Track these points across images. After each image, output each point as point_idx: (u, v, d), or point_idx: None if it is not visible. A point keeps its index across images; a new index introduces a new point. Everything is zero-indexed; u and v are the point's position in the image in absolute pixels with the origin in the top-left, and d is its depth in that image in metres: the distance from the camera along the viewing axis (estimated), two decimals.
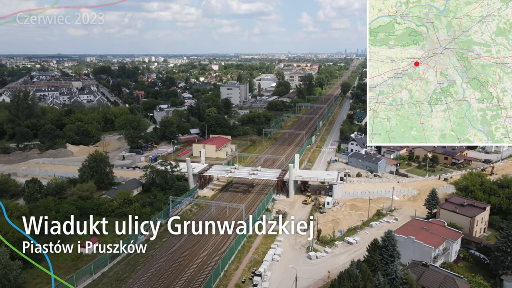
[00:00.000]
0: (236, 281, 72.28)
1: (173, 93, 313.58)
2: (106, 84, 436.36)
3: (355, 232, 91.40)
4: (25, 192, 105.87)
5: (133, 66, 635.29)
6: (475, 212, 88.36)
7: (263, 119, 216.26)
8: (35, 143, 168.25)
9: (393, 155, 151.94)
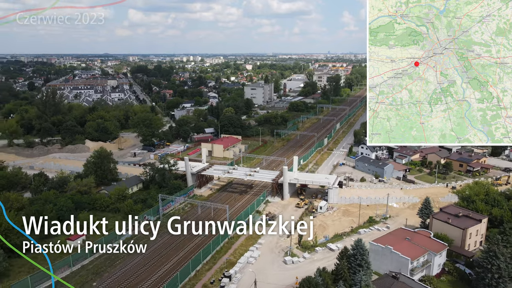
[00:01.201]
0: (205, 282, 72.92)
1: (199, 92, 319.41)
2: (140, 83, 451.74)
3: (340, 239, 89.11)
4: (32, 184, 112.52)
5: (169, 66, 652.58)
6: (469, 224, 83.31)
7: (279, 120, 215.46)
8: (57, 138, 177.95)
9: (404, 160, 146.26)
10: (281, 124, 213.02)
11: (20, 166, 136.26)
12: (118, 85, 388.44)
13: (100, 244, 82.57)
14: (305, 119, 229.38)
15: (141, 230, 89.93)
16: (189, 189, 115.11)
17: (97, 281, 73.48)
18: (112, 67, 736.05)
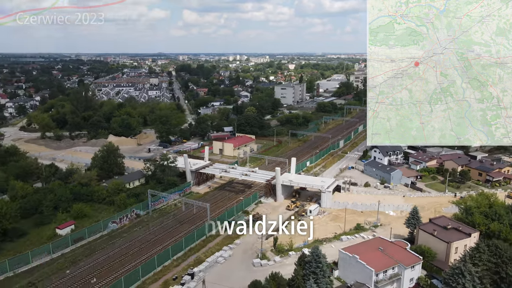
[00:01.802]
0: (168, 277, 74.09)
1: (230, 91, 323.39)
2: (181, 81, 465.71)
3: (320, 244, 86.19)
4: (43, 175, 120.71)
5: (212, 65, 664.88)
6: (455, 238, 77.35)
7: (301, 120, 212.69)
8: (84, 132, 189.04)
9: (419, 166, 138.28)
10: (303, 124, 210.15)
11: (41, 157, 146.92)
12: (158, 83, 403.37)
13: (83, 234, 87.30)
14: (330, 120, 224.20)
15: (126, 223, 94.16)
16: (184, 186, 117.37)
17: (71, 269, 77.25)
18: (160, 66, 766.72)
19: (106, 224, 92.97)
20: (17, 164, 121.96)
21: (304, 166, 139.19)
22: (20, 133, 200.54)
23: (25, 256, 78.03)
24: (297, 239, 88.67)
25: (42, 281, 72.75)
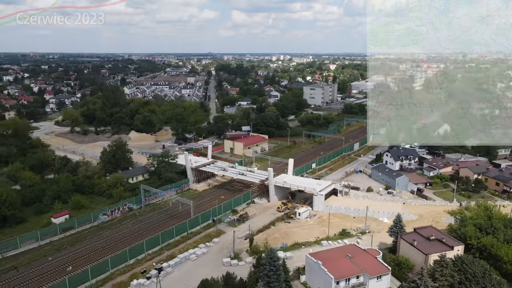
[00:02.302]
0: (137, 270, 75.94)
1: (260, 90, 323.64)
2: (217, 80, 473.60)
3: (297, 248, 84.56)
4: (55, 167, 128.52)
5: (251, 65, 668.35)
6: (435, 250, 72.39)
7: (322, 121, 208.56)
8: (109, 128, 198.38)
9: (433, 172, 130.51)
10: (323, 126, 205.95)
11: (63, 149, 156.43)
12: (194, 82, 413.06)
13: (72, 224, 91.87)
14: (354, 122, 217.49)
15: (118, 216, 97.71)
16: (182, 183, 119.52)
17: (53, 256, 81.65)
18: (202, 65, 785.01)
19: (97, 215, 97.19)
20: (34, 156, 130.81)
21: (309, 168, 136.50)
22: (54, 127, 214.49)
23: (14, 241, 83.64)
24: (275, 241, 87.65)
25: (23, 265, 77.58)
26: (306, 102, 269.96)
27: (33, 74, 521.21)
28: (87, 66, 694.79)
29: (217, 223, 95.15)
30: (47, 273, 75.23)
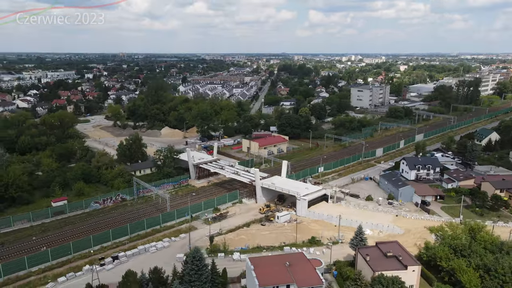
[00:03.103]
0: (96, 257, 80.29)
1: (307, 91, 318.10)
2: (273, 80, 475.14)
3: (257, 251, 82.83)
4: (76, 156, 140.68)
5: (314, 65, 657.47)
6: (385, 268, 66.19)
7: (356, 125, 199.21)
8: (145, 123, 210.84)
9: (451, 184, 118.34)
10: (356, 129, 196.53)
11: (99, 141, 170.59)
12: (249, 81, 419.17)
13: (64, 209, 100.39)
14: (392, 127, 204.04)
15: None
16: (180, 178, 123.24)
17: (37, 236, 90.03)
18: (268, 65, 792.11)
19: (89, 203, 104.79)
20: (62, 145, 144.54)
21: (316, 172, 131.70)
22: (102, 120, 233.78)
23: (6, 220, 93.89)
24: (240, 242, 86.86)
25: (10, 242, 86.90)
26: (349, 104, 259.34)
27: (111, 72, 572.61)
28: (161, 65, 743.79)
29: (191, 219, 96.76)
30: (25, 250, 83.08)
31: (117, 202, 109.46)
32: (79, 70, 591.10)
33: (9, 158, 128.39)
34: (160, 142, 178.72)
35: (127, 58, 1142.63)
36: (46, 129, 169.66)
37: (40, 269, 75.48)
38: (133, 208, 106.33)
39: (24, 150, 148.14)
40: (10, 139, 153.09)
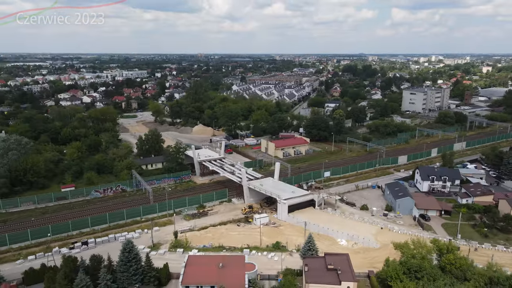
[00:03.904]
0: (71, 241, 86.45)
1: (358, 93, 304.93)
2: (329, 81, 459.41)
3: (217, 250, 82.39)
4: (102, 147, 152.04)
5: (381, 66, 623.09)
6: (318, 280, 62.15)
7: (391, 129, 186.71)
8: (181, 120, 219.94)
9: (466, 199, 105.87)
10: (392, 134, 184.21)
11: (134, 135, 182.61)
12: (304, 82, 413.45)
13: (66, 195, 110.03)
14: (434, 134, 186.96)
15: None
16: (182, 174, 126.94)
17: (36, 217, 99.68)
18: (335, 66, 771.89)
19: (89, 191, 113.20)
20: (90, 137, 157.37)
21: (321, 176, 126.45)
22: (149, 116, 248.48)
23: (16, 200, 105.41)
24: (205, 240, 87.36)
25: (12, 220, 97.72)
26: (397, 108, 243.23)
27: (180, 71, 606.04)
28: (228, 65, 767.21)
29: (174, 214, 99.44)
30: (22, 229, 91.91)
31: (117, 192, 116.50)
32: (153, 70, 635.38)
33: (40, 147, 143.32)
34: (188, 139, 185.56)
35: (203, 58, 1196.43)
36: (85, 122, 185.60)
37: (19, 247, 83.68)
38: (130, 199, 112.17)
39: (65, 140, 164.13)
40: (54, 130, 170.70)
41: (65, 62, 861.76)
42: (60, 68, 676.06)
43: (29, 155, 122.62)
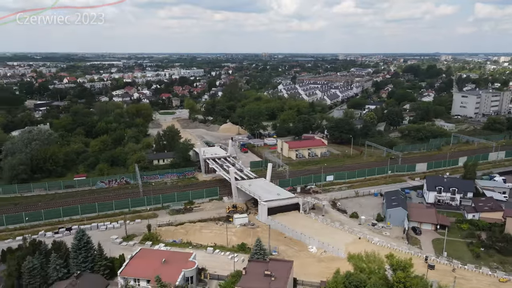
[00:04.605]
0: (59, 226, 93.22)
1: (404, 95, 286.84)
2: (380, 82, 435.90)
3: (184, 246, 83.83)
4: (124, 141, 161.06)
5: (447, 66, 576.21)
6: (244, 284, 60.57)
7: (425, 134, 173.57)
8: (211, 118, 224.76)
9: (472, 215, 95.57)
10: (423, 139, 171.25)
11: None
12: (354, 83, 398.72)
13: (74, 184, 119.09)
14: (477, 141, 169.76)
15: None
16: (185, 170, 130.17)
17: (43, 202, 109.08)
18: (398, 66, 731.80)
19: (95, 182, 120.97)
20: (115, 131, 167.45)
21: (322, 180, 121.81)
22: (186, 113, 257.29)
23: (29, 186, 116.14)
24: (176, 235, 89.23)
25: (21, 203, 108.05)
26: (443, 111, 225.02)
27: (237, 70, 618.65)
28: (285, 65, 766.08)
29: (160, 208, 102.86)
30: (28, 212, 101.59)
31: (121, 184, 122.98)
32: (212, 68, 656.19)
33: (71, 138, 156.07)
34: (214, 137, 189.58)
35: (266, 58, 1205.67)
36: (121, 117, 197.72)
37: (15, 228, 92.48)
38: (131, 191, 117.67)
39: (98, 133, 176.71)
40: (91, 124, 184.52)
41: (136, 61, 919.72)
42: (129, 66, 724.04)
43: (50, 146, 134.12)
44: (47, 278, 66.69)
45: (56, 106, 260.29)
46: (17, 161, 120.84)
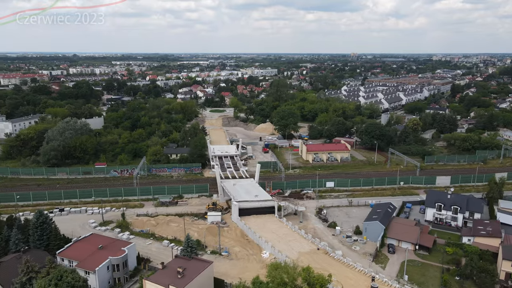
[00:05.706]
0: (57, 207, 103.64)
1: (476, 100, 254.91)
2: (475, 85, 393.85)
3: (145, 236, 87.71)
4: (155, 135, 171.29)
5: None
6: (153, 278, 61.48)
7: (471, 144, 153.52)
8: (251, 117, 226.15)
9: (468, 238, 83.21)
10: (469, 150, 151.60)
11: None
12: (420, 85, 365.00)
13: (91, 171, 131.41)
14: None
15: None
16: (192, 166, 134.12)
17: (60, 185, 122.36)
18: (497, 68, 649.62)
19: (109, 170, 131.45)
20: (151, 126, 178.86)
21: (318, 186, 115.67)
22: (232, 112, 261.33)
23: (54, 170, 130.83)
24: (143, 226, 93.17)
25: (44, 184, 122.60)
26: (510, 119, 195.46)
27: (313, 71, 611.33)
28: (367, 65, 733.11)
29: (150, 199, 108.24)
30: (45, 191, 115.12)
31: (132, 174, 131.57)
32: (289, 68, 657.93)
33: (110, 130, 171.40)
34: (247, 135, 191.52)
35: (353, 58, 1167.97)
36: (169, 113, 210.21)
37: (24, 204, 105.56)
38: (139, 181, 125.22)
39: (142, 126, 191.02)
40: (136, 117, 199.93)
41: (222, 61, 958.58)
42: (211, 66, 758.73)
43: (81, 136, 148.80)
44: (8, 251, 75.35)
45: (122, 101, 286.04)
46: (49, 147, 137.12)
